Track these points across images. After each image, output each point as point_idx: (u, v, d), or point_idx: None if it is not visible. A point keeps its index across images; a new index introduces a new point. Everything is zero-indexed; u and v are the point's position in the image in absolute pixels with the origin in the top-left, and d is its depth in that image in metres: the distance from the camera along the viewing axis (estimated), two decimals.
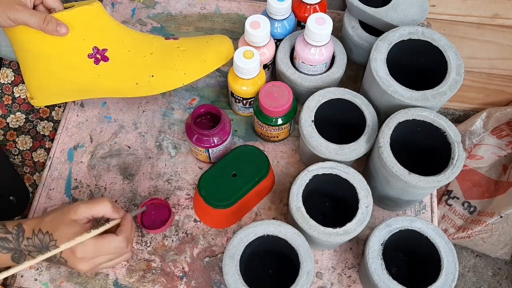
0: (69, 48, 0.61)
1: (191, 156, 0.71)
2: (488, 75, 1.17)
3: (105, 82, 0.63)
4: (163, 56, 0.65)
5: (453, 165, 0.56)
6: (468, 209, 1.22)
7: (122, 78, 0.63)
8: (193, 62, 0.65)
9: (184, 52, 0.65)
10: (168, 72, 0.64)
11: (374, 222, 0.67)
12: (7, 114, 0.75)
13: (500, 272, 1.26)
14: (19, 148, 0.75)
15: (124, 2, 0.84)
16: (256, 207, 0.68)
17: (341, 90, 0.64)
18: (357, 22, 0.73)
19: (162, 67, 0.64)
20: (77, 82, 0.63)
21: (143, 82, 0.64)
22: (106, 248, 0.53)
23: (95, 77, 0.63)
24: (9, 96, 0.75)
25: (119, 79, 0.63)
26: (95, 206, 0.54)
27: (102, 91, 0.65)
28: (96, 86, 0.64)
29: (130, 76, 0.63)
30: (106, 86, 0.64)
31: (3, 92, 0.74)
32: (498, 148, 1.23)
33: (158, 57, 0.65)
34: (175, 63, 0.64)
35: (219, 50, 0.67)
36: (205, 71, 0.66)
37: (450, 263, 0.55)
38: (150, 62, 0.64)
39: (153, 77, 0.63)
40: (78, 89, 0.65)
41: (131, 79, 0.63)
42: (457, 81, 0.60)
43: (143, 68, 0.63)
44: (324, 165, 0.60)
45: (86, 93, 0.66)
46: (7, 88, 0.74)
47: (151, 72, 0.63)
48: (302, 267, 0.54)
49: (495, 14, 0.99)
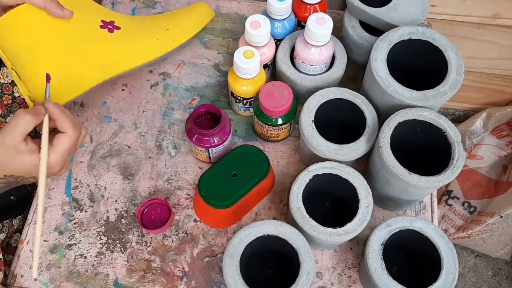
0: (81, 23, 0.62)
1: (191, 156, 0.71)
2: (488, 75, 1.17)
3: (125, 50, 0.65)
4: (165, 16, 0.74)
5: (453, 165, 0.56)
6: (468, 209, 1.22)
7: (142, 39, 0.67)
8: (191, 16, 0.75)
9: (177, 14, 0.75)
10: (180, 24, 0.71)
11: (374, 222, 0.67)
12: (7, 114, 0.74)
13: (500, 272, 1.26)
14: None
15: (124, 2, 0.84)
16: (256, 207, 0.68)
17: (341, 90, 0.64)
18: (357, 22, 0.73)
19: (172, 22, 0.71)
20: (97, 56, 0.64)
21: (161, 36, 0.69)
22: (68, 148, 0.53)
23: (114, 48, 0.64)
24: (9, 96, 0.75)
25: (138, 41, 0.67)
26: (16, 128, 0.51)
27: (123, 63, 0.66)
28: (116, 57, 0.65)
29: (148, 35, 0.68)
30: (126, 54, 0.66)
31: (3, 91, 0.74)
32: (498, 148, 1.23)
33: (161, 17, 0.73)
34: (179, 18, 0.73)
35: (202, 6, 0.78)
36: (210, 16, 0.79)
37: (450, 263, 0.55)
38: (158, 20, 0.71)
39: (169, 30, 0.70)
40: (99, 65, 0.65)
41: (151, 37, 0.68)
42: (457, 81, 0.60)
43: (156, 25, 0.69)
44: (324, 165, 0.60)
45: (107, 70, 0.66)
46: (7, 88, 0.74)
47: (165, 26, 0.70)
48: (302, 267, 0.54)
49: (495, 14, 0.99)
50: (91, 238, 0.66)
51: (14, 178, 0.52)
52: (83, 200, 0.68)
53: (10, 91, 0.75)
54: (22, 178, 0.53)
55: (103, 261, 0.64)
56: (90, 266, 0.64)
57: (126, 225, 0.66)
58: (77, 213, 0.67)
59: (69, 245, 0.65)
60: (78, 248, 0.65)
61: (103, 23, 0.64)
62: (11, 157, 0.51)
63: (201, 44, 0.80)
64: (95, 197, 0.68)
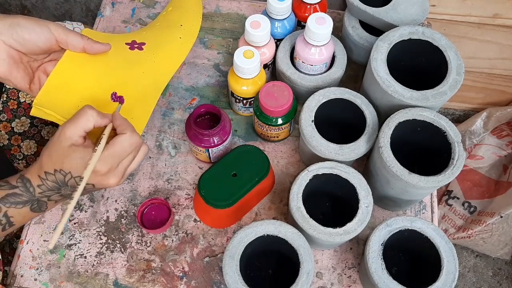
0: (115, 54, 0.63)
1: (191, 156, 0.71)
2: (488, 75, 1.17)
3: (163, 59, 0.68)
4: (168, 15, 0.77)
5: (453, 165, 0.56)
6: (468, 209, 1.22)
7: (168, 43, 0.70)
8: (186, 5, 0.78)
9: (174, 10, 0.78)
10: (186, 15, 0.75)
11: (374, 222, 0.67)
12: (12, 119, 0.75)
13: (500, 272, 1.26)
14: (24, 153, 0.75)
15: (124, 2, 0.84)
16: (256, 207, 0.68)
17: (341, 90, 0.64)
18: (357, 22, 0.73)
19: (178, 17, 0.75)
20: (145, 75, 0.65)
21: (181, 33, 0.73)
22: (123, 149, 0.52)
23: (153, 61, 0.67)
24: (15, 100, 0.75)
25: (168, 46, 0.70)
26: (79, 121, 0.51)
27: (167, 71, 0.69)
28: (160, 69, 0.68)
29: (171, 38, 0.71)
30: (165, 61, 0.69)
31: (8, 97, 0.74)
32: (498, 148, 1.23)
33: (165, 17, 0.76)
34: (180, 11, 0.76)
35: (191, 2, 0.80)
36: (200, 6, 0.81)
37: (450, 263, 0.55)
38: (167, 21, 0.75)
39: (183, 25, 0.74)
40: (151, 82, 0.66)
41: (174, 38, 0.72)
42: (457, 81, 0.60)
43: (170, 26, 0.73)
44: (324, 165, 0.60)
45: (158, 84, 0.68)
46: (12, 93, 0.74)
47: (177, 23, 0.74)
48: (302, 267, 0.54)
49: (495, 14, 0.99)
50: (91, 238, 0.66)
51: (63, 174, 0.51)
52: (83, 200, 0.68)
53: (16, 96, 0.75)
54: (70, 177, 0.51)
55: (103, 261, 0.64)
56: (90, 266, 0.64)
57: (126, 225, 0.66)
58: (77, 213, 0.67)
59: (69, 245, 0.65)
60: (78, 248, 0.65)
61: (129, 46, 0.66)
62: (65, 149, 0.50)
63: (201, 44, 0.80)
64: (95, 197, 0.68)
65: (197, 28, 0.78)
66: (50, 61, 0.60)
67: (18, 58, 0.56)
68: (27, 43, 0.55)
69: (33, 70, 0.59)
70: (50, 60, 0.60)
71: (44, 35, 0.55)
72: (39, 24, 0.55)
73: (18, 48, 0.55)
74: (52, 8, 1.11)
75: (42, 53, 0.58)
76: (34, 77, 0.59)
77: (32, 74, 0.59)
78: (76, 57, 0.59)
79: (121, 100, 0.61)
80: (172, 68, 0.71)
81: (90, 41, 0.59)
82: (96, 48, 0.59)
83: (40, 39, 0.55)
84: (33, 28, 0.54)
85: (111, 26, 0.82)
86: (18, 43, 0.54)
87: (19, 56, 0.56)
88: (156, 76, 0.67)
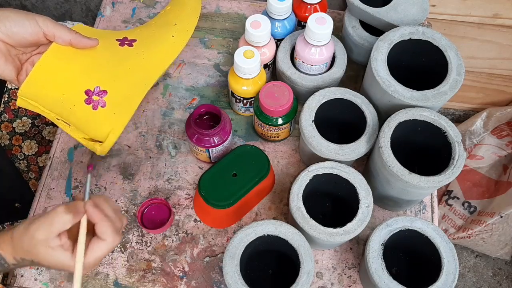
0: (103, 48, 0.63)
1: (191, 156, 0.71)
2: (488, 75, 1.17)
3: (152, 56, 0.67)
4: (164, 14, 0.76)
5: (453, 165, 0.56)
6: (468, 209, 1.22)
7: (160, 41, 0.70)
8: (184, 5, 0.78)
9: (172, 9, 0.77)
10: (182, 15, 0.75)
11: (374, 222, 0.67)
12: (14, 119, 0.75)
13: (500, 272, 1.26)
14: (25, 153, 0.75)
15: (124, 2, 0.84)
16: (256, 207, 0.68)
17: (342, 90, 0.64)
18: (357, 22, 0.73)
19: (174, 16, 0.74)
20: (133, 71, 0.65)
21: (174, 32, 0.72)
22: (101, 255, 0.49)
23: (142, 58, 0.66)
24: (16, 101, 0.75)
25: (159, 44, 0.69)
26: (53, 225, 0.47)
27: (156, 68, 0.68)
28: (148, 66, 0.67)
29: (163, 36, 0.71)
30: (155, 59, 0.68)
31: (10, 97, 0.74)
32: (498, 148, 1.23)
33: (162, 16, 0.76)
34: (177, 10, 0.76)
35: None
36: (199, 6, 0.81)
37: (450, 263, 0.55)
38: (162, 20, 0.74)
39: (177, 24, 0.73)
40: (139, 79, 0.65)
41: (166, 36, 0.71)
42: (457, 81, 0.60)
43: (163, 25, 0.72)
44: (324, 165, 0.60)
45: (146, 81, 0.66)
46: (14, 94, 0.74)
47: (171, 22, 0.73)
48: (302, 267, 0.54)
49: (495, 14, 0.98)
50: None
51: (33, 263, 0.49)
52: None
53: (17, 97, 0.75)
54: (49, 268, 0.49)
55: (103, 261, 0.64)
56: None
57: (126, 225, 0.66)
58: None
59: None
60: None
61: (119, 42, 0.65)
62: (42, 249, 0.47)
63: (201, 44, 0.80)
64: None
65: (192, 27, 0.77)
66: (38, 54, 0.60)
67: (6, 50, 0.56)
68: (15, 36, 0.55)
69: (21, 62, 0.59)
70: (38, 53, 0.60)
71: (32, 28, 0.55)
72: (27, 17, 0.55)
73: (6, 40, 0.55)
74: (52, 8, 1.11)
75: (30, 45, 0.58)
76: (22, 69, 0.59)
77: (20, 67, 0.59)
78: (62, 50, 0.59)
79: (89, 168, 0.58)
80: (161, 66, 0.69)
81: (78, 35, 0.59)
82: (83, 42, 0.59)
83: (28, 32, 0.55)
84: (21, 21, 0.54)
85: (111, 26, 0.82)
86: (6, 35, 0.54)
87: (6, 49, 0.56)
88: (143, 73, 0.66)
